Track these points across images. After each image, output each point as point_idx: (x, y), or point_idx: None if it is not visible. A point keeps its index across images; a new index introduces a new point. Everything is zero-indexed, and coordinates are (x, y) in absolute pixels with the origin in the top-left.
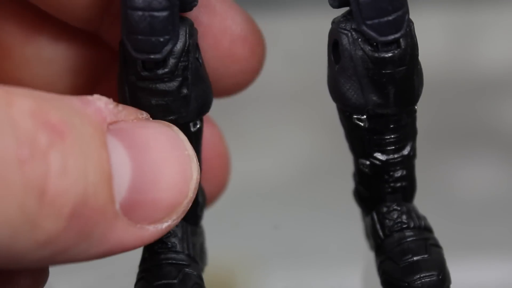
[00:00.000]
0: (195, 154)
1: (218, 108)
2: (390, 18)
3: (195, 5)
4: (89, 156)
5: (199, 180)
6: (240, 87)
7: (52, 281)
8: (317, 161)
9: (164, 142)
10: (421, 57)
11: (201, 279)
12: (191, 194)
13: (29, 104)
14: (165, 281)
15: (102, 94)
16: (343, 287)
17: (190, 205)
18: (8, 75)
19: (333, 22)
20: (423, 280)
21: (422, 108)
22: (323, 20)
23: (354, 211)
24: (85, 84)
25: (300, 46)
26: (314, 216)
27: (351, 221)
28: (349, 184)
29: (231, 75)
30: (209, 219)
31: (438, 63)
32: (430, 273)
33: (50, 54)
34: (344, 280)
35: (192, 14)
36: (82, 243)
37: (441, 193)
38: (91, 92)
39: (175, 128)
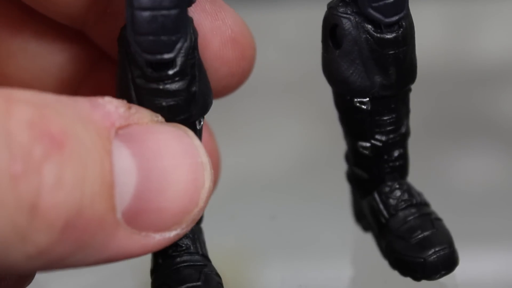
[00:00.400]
0: (209, 161)
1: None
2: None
3: (194, 1)
4: (89, 165)
5: (212, 189)
6: (229, 90)
7: (48, 280)
8: (313, 152)
9: (176, 148)
10: (419, 48)
11: (219, 277)
12: (202, 203)
13: (28, 113)
14: (190, 285)
15: (89, 89)
16: (341, 277)
17: (201, 214)
18: None
19: (330, 8)
20: (438, 254)
21: (421, 99)
22: (317, 11)
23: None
24: (72, 79)
25: (294, 38)
26: (311, 207)
27: (348, 211)
28: (345, 174)
29: (220, 78)
30: (206, 210)
31: (436, 54)
32: (442, 246)
33: (36, 48)
34: (341, 271)
35: None
36: (79, 252)
37: (439, 184)
38: (78, 87)
39: (191, 133)
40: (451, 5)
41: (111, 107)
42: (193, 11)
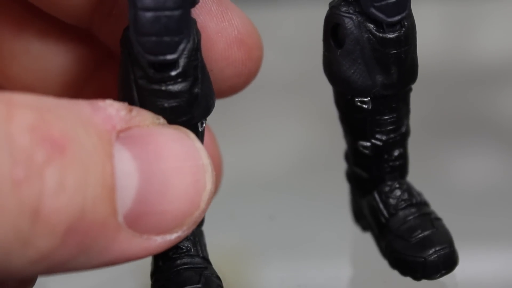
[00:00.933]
0: (211, 163)
1: None
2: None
3: (197, 2)
4: (91, 169)
5: (213, 191)
6: (235, 90)
7: (48, 283)
8: (313, 151)
9: (177, 151)
10: (418, 48)
11: (220, 280)
12: (203, 205)
13: (30, 117)
14: (190, 287)
15: (93, 89)
16: (340, 277)
17: (202, 216)
18: None
19: (332, 7)
20: (438, 254)
21: (420, 98)
22: (318, 10)
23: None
24: (75, 80)
25: (294, 37)
26: (310, 206)
27: (348, 211)
28: (344, 174)
29: (225, 78)
30: None
31: (435, 53)
32: (443, 246)
33: (39, 49)
34: (341, 270)
35: None
36: (81, 256)
37: (438, 183)
38: (81, 87)
39: (192, 136)
40: (450, 5)
41: (112, 110)
42: (199, 13)
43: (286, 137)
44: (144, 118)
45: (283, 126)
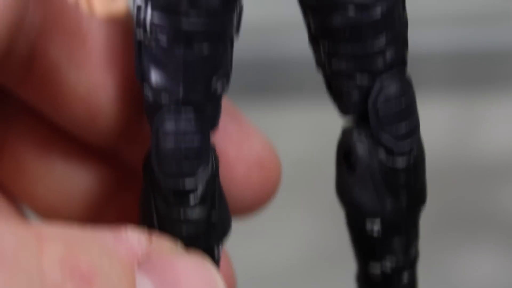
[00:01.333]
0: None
1: None
2: (407, 127)
3: (217, 125)
4: None
5: None
6: (252, 211)
7: None
8: (322, 251)
9: (195, 280)
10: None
11: None
12: None
13: (59, 251)
14: None
15: (115, 210)
16: None
17: None
18: (21, 191)
19: (344, 132)
20: None
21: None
22: (324, 114)
23: None
24: (98, 200)
25: (300, 138)
26: None
27: None
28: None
29: (244, 200)
30: None
31: (439, 151)
32: None
33: (63, 170)
34: None
35: None
36: None
37: (442, 281)
38: (104, 207)
39: (208, 263)
40: (455, 104)
41: (134, 240)
42: (219, 139)
43: (295, 234)
44: (163, 245)
45: (292, 225)
